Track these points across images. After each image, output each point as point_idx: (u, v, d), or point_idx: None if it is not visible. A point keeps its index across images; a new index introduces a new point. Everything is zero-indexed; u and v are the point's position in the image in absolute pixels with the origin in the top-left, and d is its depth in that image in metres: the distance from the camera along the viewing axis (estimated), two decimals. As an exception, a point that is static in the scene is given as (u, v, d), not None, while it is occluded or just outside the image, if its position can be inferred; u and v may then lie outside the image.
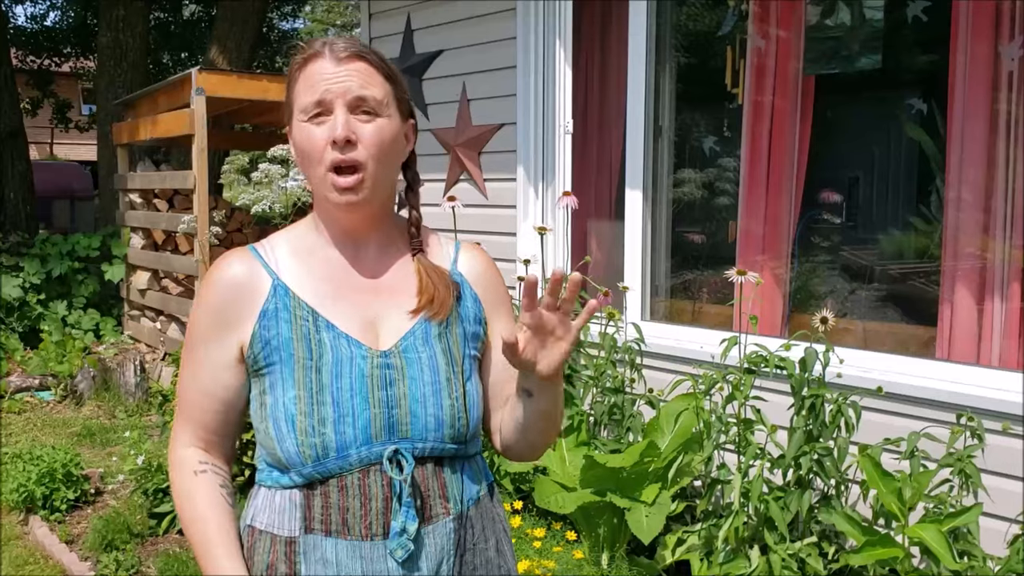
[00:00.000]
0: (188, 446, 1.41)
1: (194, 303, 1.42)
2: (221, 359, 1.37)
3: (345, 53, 1.33)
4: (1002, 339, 3.40)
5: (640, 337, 3.82)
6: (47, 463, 4.21)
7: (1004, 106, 3.39)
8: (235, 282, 1.37)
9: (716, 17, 4.88)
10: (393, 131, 1.36)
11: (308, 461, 1.30)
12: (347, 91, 1.31)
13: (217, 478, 1.40)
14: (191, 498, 1.37)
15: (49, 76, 15.33)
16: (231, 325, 1.36)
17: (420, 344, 1.36)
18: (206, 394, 1.38)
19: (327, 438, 1.29)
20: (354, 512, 1.30)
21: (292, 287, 1.37)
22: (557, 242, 4.62)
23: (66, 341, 7.04)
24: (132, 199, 7.63)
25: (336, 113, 1.31)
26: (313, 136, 1.32)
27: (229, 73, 7.15)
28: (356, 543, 1.29)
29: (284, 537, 1.33)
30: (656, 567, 3.29)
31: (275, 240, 1.45)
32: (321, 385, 1.31)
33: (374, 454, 1.30)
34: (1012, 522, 2.84)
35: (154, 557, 3.68)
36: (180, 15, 15.60)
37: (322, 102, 1.31)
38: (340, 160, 1.31)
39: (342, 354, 1.33)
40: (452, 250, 1.49)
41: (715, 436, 3.17)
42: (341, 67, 1.32)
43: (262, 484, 1.39)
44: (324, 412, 1.30)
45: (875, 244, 4.65)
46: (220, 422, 1.40)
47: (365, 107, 1.32)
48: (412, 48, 5.21)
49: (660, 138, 4.44)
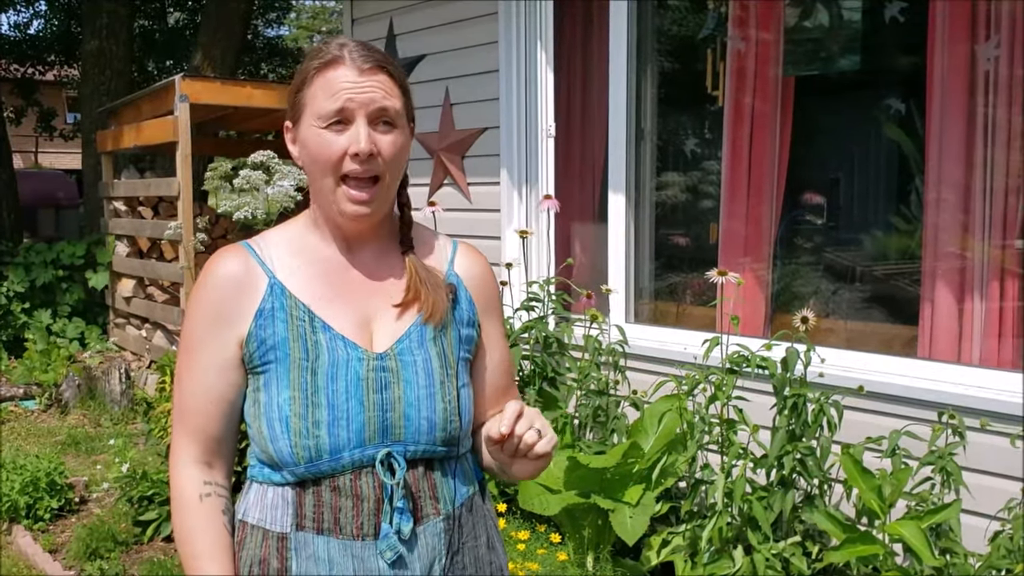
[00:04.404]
0: (192, 464, 1.38)
1: (189, 303, 1.41)
2: (224, 357, 1.36)
3: (368, 64, 1.32)
4: (983, 338, 3.42)
5: (624, 339, 3.82)
6: (31, 472, 4.19)
7: (981, 106, 3.42)
8: (232, 278, 1.37)
9: (697, 20, 4.90)
10: (406, 142, 1.38)
11: (301, 462, 1.30)
12: (370, 102, 1.31)
13: (220, 502, 1.39)
14: (195, 536, 1.36)
15: (33, 85, 15.24)
16: (230, 322, 1.35)
17: (416, 347, 1.36)
18: (211, 398, 1.36)
19: (321, 440, 1.29)
20: (346, 512, 1.31)
21: (288, 286, 1.37)
22: (540, 245, 4.63)
23: (51, 350, 7.00)
24: (117, 207, 7.60)
25: (358, 124, 1.31)
26: (331, 144, 1.31)
27: (213, 80, 7.12)
28: (348, 542, 1.30)
29: (276, 533, 1.34)
30: (641, 568, 3.29)
31: (270, 237, 1.44)
32: (316, 387, 1.31)
33: (367, 456, 1.31)
34: (993, 519, 2.86)
35: (139, 565, 3.67)
36: (165, 23, 15.54)
37: (343, 110, 1.30)
38: (360, 172, 1.31)
39: (338, 356, 1.33)
40: (450, 251, 1.48)
41: (698, 436, 3.18)
42: (364, 78, 1.31)
43: (254, 479, 1.39)
44: (319, 414, 1.30)
45: (856, 244, 4.68)
46: (225, 426, 1.39)
47: (385, 118, 1.33)
48: (395, 53, 5.22)
49: (642, 141, 4.46)
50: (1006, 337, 3.38)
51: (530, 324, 3.95)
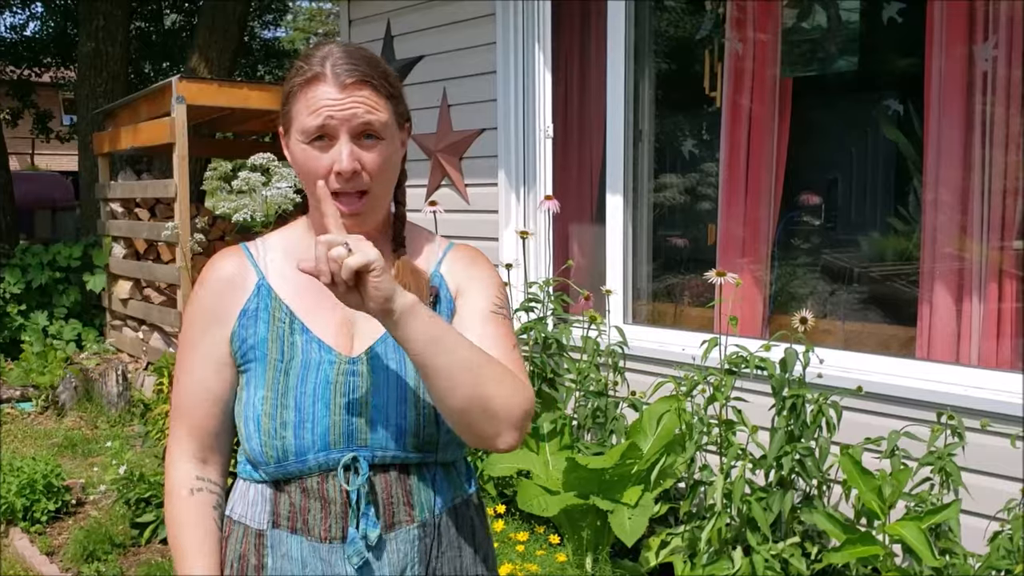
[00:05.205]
0: (186, 459, 1.40)
1: (187, 303, 1.43)
2: (216, 355, 1.38)
3: (351, 79, 1.29)
4: (981, 338, 3.43)
5: (623, 340, 3.82)
6: (27, 474, 4.17)
7: (979, 106, 3.42)
8: (225, 279, 1.39)
9: (694, 21, 4.90)
10: (394, 151, 1.36)
11: (271, 461, 1.32)
12: (352, 118, 1.29)
13: (211, 498, 1.40)
14: (183, 529, 1.38)
15: (29, 86, 15.22)
16: (221, 321, 1.38)
17: (391, 351, 1.35)
18: (205, 395, 1.38)
19: (287, 442, 1.30)
20: (315, 514, 1.31)
21: (275, 288, 1.38)
22: (539, 246, 4.63)
23: (47, 352, 6.98)
24: (113, 208, 7.59)
25: (341, 142, 1.29)
26: (316, 161, 1.30)
27: (210, 81, 7.12)
28: (316, 544, 1.30)
29: (254, 529, 1.35)
30: (640, 569, 3.29)
31: (270, 240, 1.46)
32: (287, 388, 1.32)
33: (332, 460, 1.30)
34: (992, 519, 2.86)
35: (136, 567, 3.66)
36: (161, 24, 15.53)
37: (325, 127, 1.29)
38: (345, 189, 1.30)
39: (311, 358, 1.33)
40: (440, 253, 1.46)
41: (697, 437, 3.17)
42: (345, 94, 1.29)
43: (240, 475, 1.40)
44: (287, 415, 1.30)
45: (854, 245, 4.68)
46: (219, 423, 1.40)
47: (370, 131, 1.31)
48: (392, 54, 5.22)
49: (640, 142, 4.46)
50: (1004, 338, 3.38)
51: (529, 325, 3.95)
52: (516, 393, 1.26)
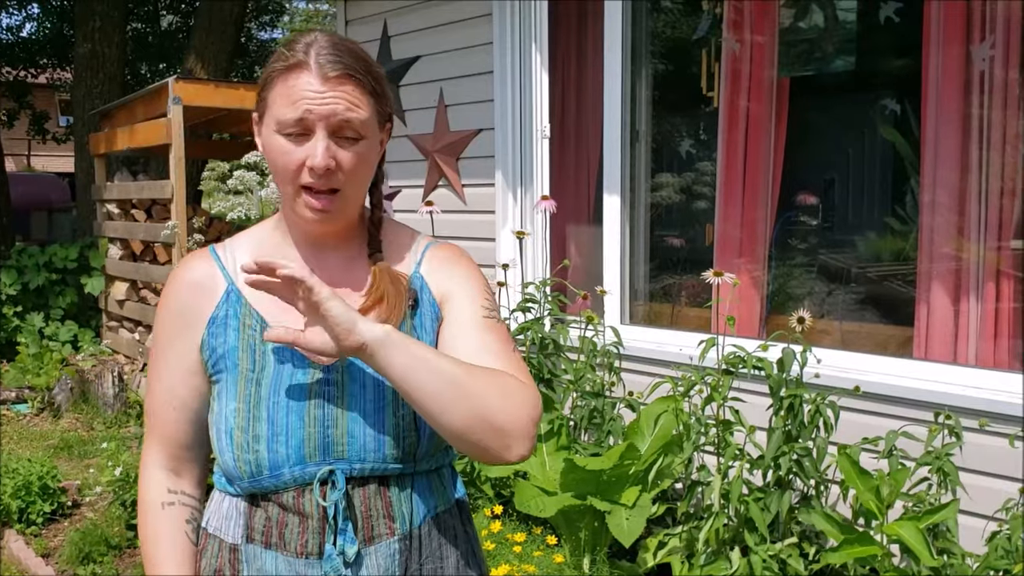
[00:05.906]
0: (158, 468, 1.36)
1: (157, 309, 1.37)
2: (185, 364, 1.33)
3: (335, 72, 1.22)
4: (978, 339, 3.42)
5: (619, 340, 3.82)
6: (23, 476, 4.16)
7: (976, 107, 3.42)
8: (193, 284, 1.33)
9: (691, 22, 4.90)
10: (372, 151, 1.29)
11: (244, 476, 1.26)
12: (332, 114, 1.22)
13: (184, 511, 1.36)
14: (156, 543, 1.35)
15: (26, 87, 15.21)
16: (192, 327, 1.32)
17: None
18: (175, 404, 1.33)
19: (260, 456, 1.25)
20: (292, 528, 1.26)
21: (246, 294, 1.31)
22: (536, 246, 4.62)
23: (43, 353, 6.97)
24: (110, 209, 7.57)
25: (317, 138, 1.22)
26: (289, 153, 1.24)
27: (206, 82, 7.11)
28: (292, 560, 1.25)
29: (229, 543, 1.31)
30: (637, 570, 3.28)
31: (237, 241, 1.39)
32: (259, 399, 1.26)
33: (308, 474, 1.25)
34: (990, 519, 2.86)
35: (132, 569, 3.65)
36: (158, 25, 15.52)
37: (302, 121, 1.22)
38: (317, 186, 1.25)
39: (284, 368, 1.27)
40: (420, 253, 1.39)
41: (695, 438, 3.17)
42: (327, 87, 1.22)
43: (216, 487, 1.36)
44: (259, 428, 1.25)
45: (852, 245, 4.68)
46: (192, 433, 1.35)
47: (349, 129, 1.24)
48: (389, 54, 5.21)
49: (637, 142, 4.45)
50: (1002, 338, 3.38)
51: (526, 326, 3.94)
52: (521, 401, 1.21)
